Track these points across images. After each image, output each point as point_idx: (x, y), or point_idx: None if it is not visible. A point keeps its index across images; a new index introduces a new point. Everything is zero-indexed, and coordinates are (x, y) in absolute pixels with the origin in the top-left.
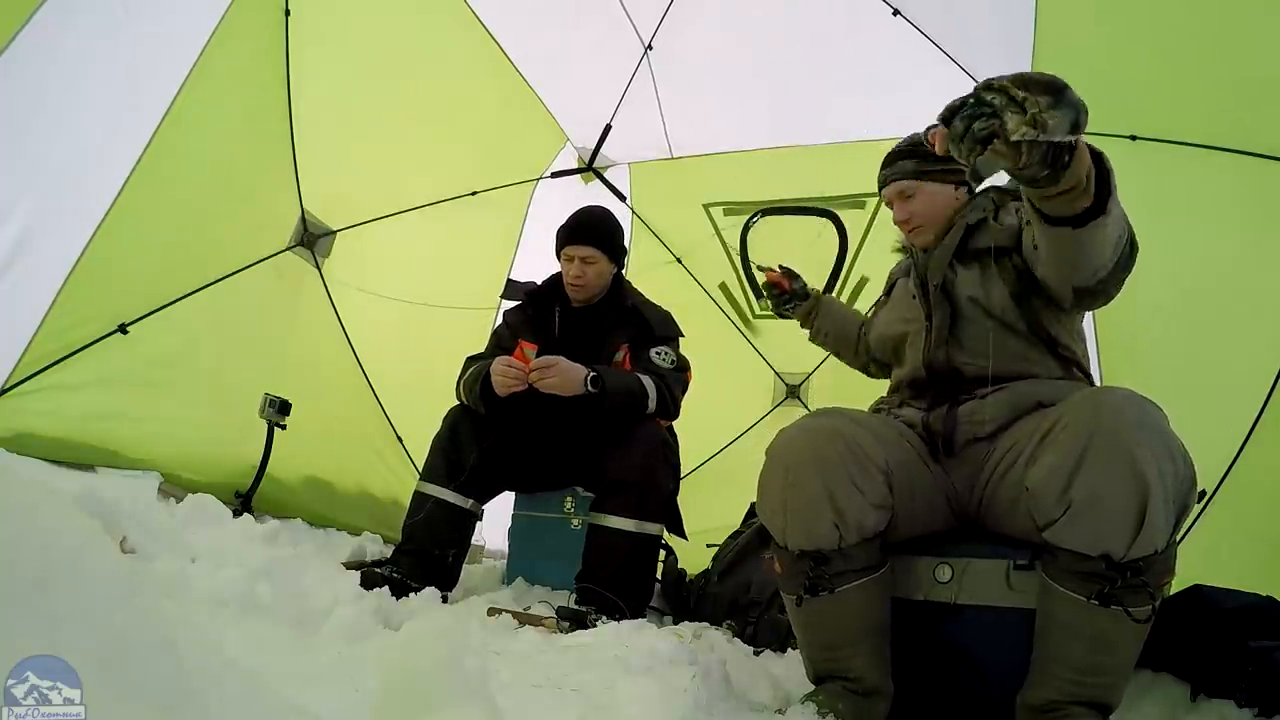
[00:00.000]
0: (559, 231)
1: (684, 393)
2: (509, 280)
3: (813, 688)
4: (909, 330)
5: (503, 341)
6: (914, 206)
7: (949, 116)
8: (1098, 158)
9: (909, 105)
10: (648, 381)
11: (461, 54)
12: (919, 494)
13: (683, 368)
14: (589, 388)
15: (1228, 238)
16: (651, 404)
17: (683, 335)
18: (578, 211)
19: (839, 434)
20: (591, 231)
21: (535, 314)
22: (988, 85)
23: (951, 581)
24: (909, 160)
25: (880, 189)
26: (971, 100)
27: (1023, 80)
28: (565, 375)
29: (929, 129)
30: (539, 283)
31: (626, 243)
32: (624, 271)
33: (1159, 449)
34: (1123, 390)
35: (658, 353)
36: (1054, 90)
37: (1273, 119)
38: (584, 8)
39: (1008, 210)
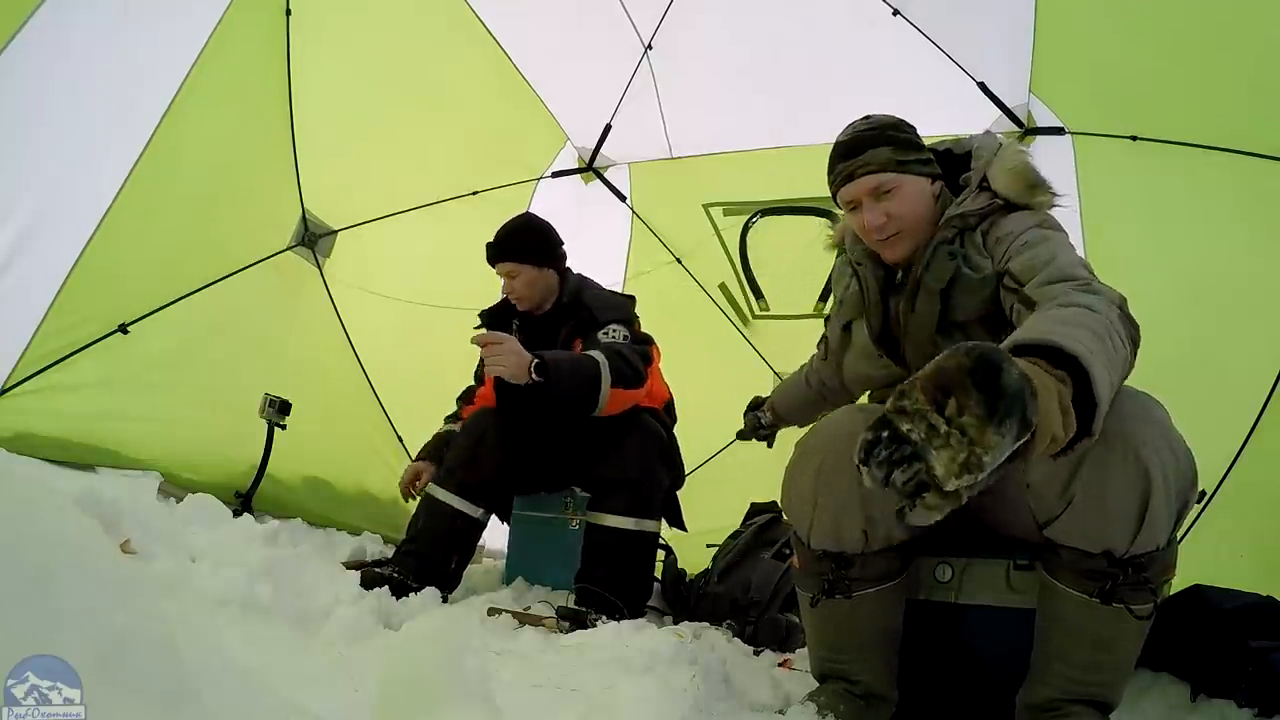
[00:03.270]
0: (485, 249)
1: (649, 364)
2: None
3: (816, 685)
4: (888, 393)
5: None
6: (893, 206)
7: (864, 457)
8: (1072, 362)
9: (909, 105)
10: (597, 354)
11: (462, 54)
12: None
13: (641, 340)
14: (533, 375)
15: (1228, 238)
16: (606, 374)
17: (636, 318)
18: (499, 229)
19: None
20: (505, 247)
21: (494, 330)
22: (900, 409)
23: (951, 581)
24: (884, 147)
25: (840, 185)
26: (885, 435)
27: (941, 382)
28: (513, 356)
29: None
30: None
31: (625, 243)
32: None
33: (1161, 444)
34: (1126, 387)
35: (605, 333)
36: (986, 385)
37: (1273, 119)
38: (584, 7)
39: (974, 243)
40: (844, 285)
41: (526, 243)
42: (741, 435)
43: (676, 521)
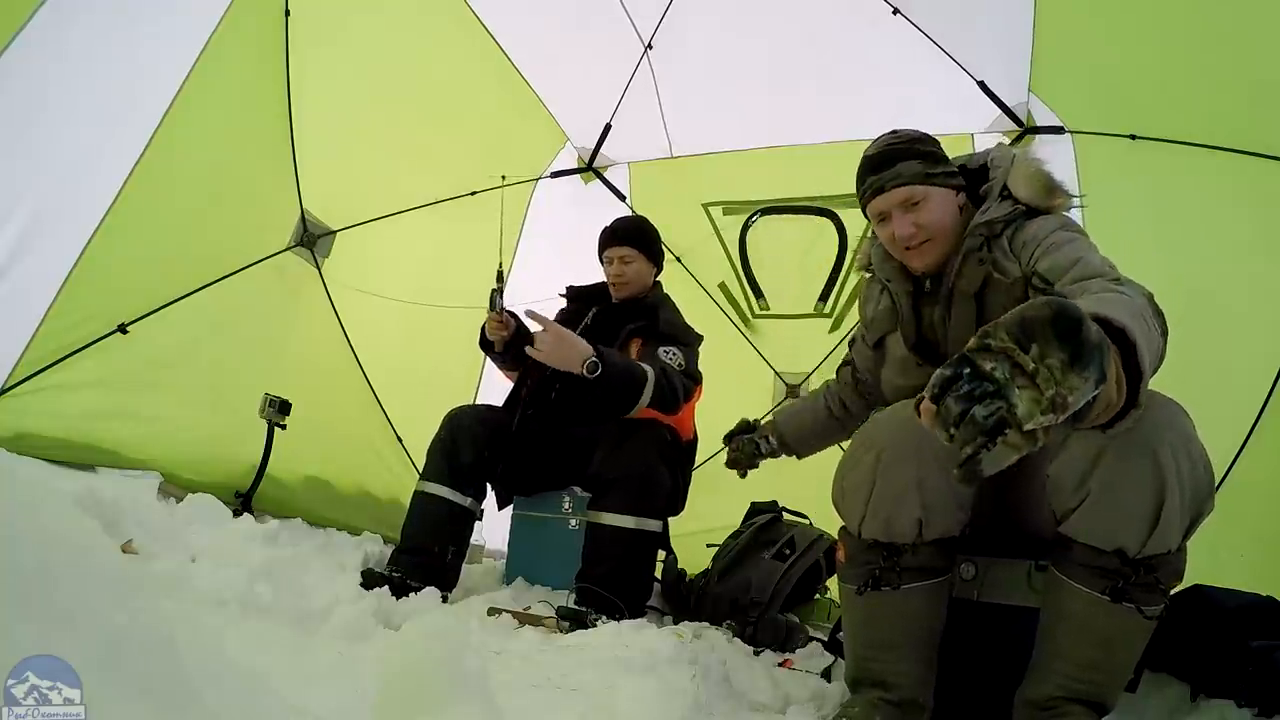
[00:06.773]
0: (600, 236)
1: (687, 399)
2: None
3: (823, 684)
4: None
5: None
6: (921, 217)
7: (939, 393)
8: (1120, 335)
9: (909, 104)
10: (648, 369)
11: (461, 54)
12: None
13: (690, 374)
14: (585, 372)
15: (1228, 238)
16: (649, 392)
17: (690, 346)
18: (619, 219)
19: None
20: (627, 234)
21: (574, 310)
22: (984, 346)
23: (974, 579)
24: (913, 161)
25: (870, 198)
26: (967, 372)
27: (1025, 328)
28: (561, 345)
29: (917, 400)
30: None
31: None
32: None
33: (1180, 451)
34: (1153, 392)
35: (666, 351)
36: (1067, 335)
37: (1273, 119)
38: (584, 7)
39: (1001, 248)
40: (874, 303)
41: (646, 236)
42: (733, 462)
43: (664, 545)
